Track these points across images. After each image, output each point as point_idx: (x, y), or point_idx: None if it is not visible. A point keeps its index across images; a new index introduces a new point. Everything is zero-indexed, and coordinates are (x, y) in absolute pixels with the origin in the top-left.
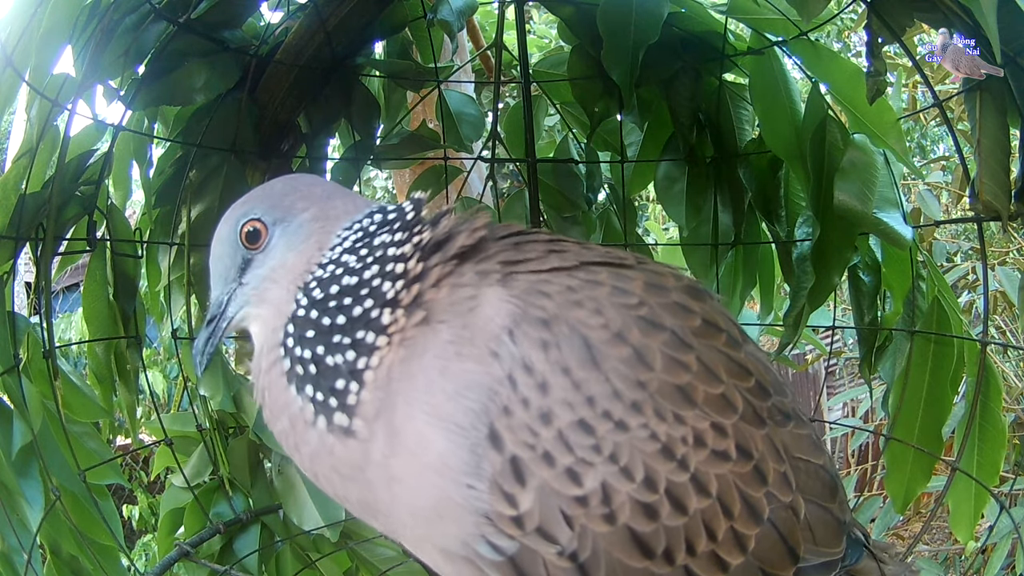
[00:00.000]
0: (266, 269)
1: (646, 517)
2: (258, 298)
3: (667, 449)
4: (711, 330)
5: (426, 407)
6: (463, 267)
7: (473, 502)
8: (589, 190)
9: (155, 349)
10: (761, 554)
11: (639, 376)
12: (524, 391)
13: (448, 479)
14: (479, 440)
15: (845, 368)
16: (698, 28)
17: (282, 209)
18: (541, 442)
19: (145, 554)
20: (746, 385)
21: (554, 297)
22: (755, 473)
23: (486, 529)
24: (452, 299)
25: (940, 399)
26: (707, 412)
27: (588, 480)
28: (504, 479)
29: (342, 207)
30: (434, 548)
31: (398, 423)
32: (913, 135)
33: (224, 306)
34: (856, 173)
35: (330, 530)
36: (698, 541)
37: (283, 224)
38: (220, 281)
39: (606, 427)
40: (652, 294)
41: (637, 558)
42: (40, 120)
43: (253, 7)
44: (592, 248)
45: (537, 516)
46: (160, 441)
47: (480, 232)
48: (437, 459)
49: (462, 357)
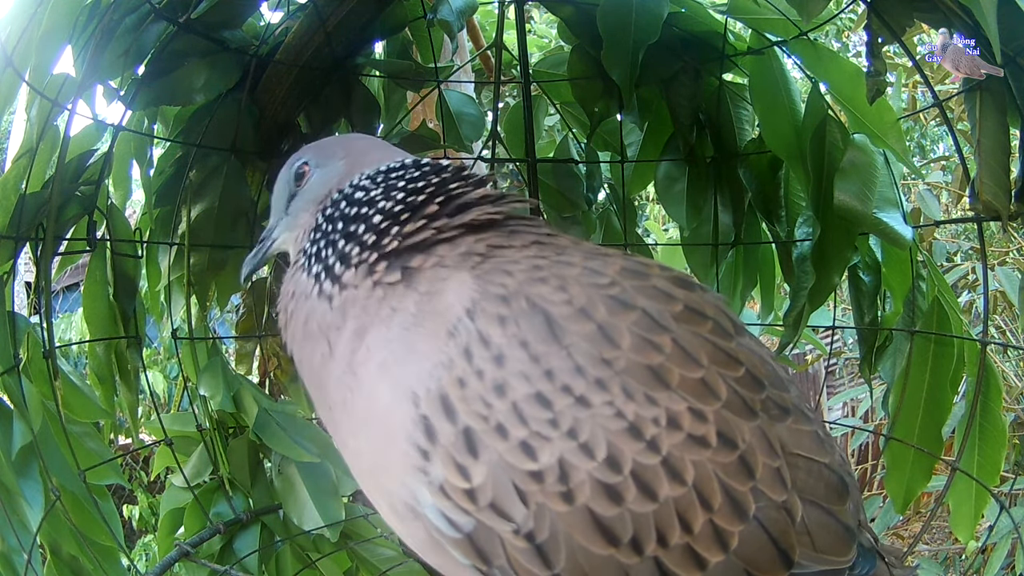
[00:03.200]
0: (302, 200)
1: (608, 499)
2: (293, 223)
3: (635, 428)
4: (694, 316)
5: (380, 360)
6: (461, 240)
7: (416, 467)
8: (589, 190)
9: (155, 349)
10: (746, 555)
11: (604, 353)
12: (479, 363)
13: (387, 433)
14: (431, 410)
15: (845, 368)
16: (698, 28)
17: (325, 156)
18: (494, 413)
19: (145, 554)
20: (734, 374)
21: (516, 275)
22: (740, 465)
23: (441, 502)
24: (431, 275)
25: (940, 399)
26: (684, 396)
27: (543, 455)
28: (457, 450)
29: (377, 157)
30: (380, 500)
31: (358, 359)
32: (913, 135)
33: (272, 231)
34: (856, 173)
35: (330, 530)
36: (670, 532)
37: (323, 167)
38: (275, 214)
39: (565, 402)
40: (627, 277)
41: (600, 544)
42: (40, 120)
43: (253, 7)
44: (581, 243)
45: (490, 490)
46: (160, 441)
47: (494, 215)
48: (382, 411)
49: (419, 329)
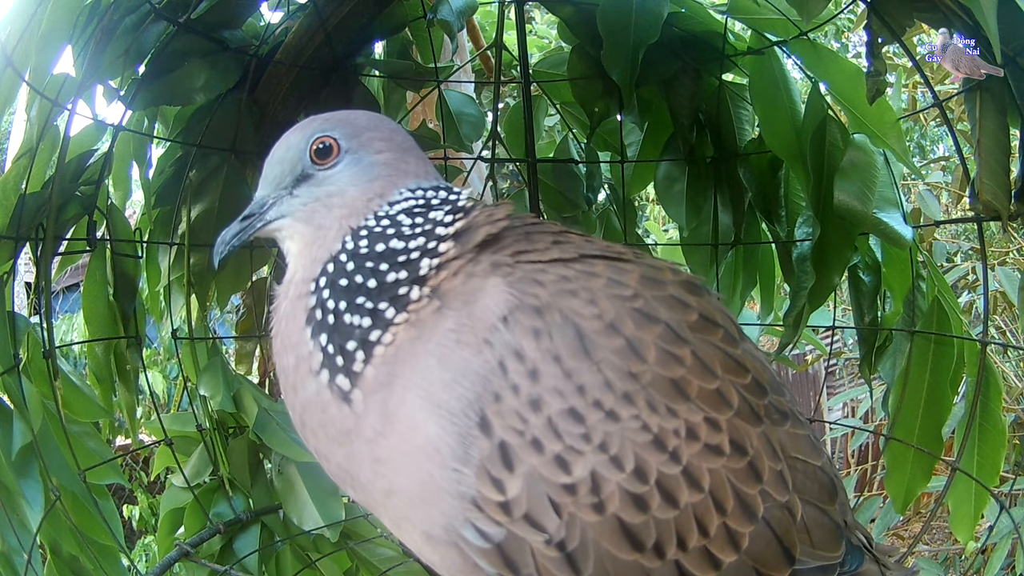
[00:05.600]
0: (323, 191)
1: (636, 508)
2: (305, 216)
3: (659, 441)
4: (708, 325)
5: (421, 392)
6: (481, 256)
7: (458, 487)
8: (589, 190)
9: (155, 349)
10: (755, 553)
11: (632, 367)
12: (514, 378)
13: (436, 463)
14: (470, 427)
15: (845, 368)
16: (698, 28)
17: (360, 140)
18: (530, 428)
19: (145, 554)
20: (742, 382)
21: (548, 286)
22: (750, 470)
23: (473, 514)
24: (464, 288)
25: (940, 399)
26: (701, 406)
27: (577, 468)
28: (492, 464)
29: (415, 166)
30: (415, 530)
31: (392, 405)
32: (913, 135)
33: (266, 208)
34: (856, 173)
35: (330, 530)
36: (689, 536)
37: (356, 154)
38: (270, 184)
39: (596, 416)
40: (648, 287)
41: (627, 550)
42: (40, 120)
43: (253, 7)
44: (594, 241)
45: (525, 502)
46: (160, 441)
47: (503, 223)
48: (426, 443)
49: (460, 345)
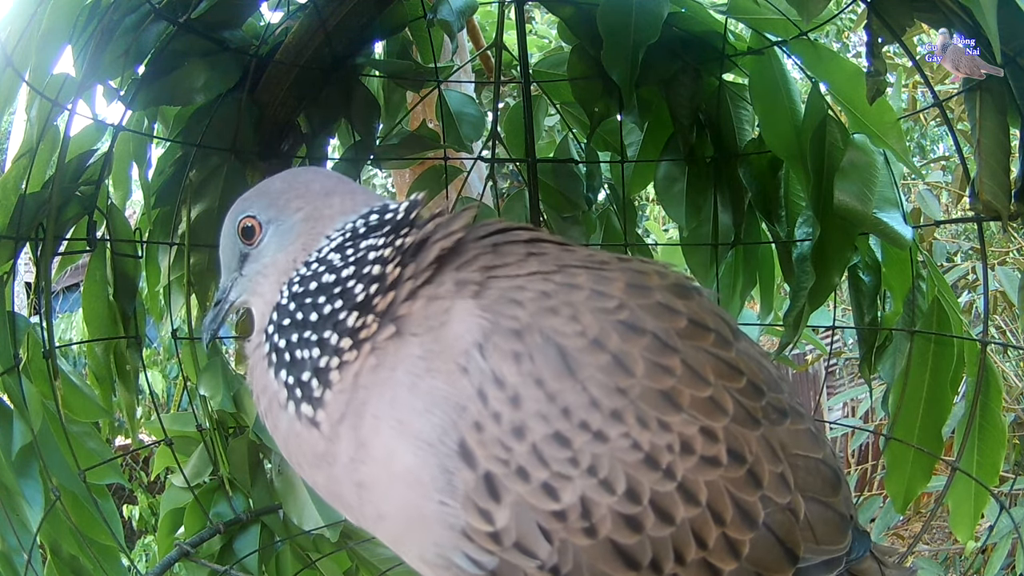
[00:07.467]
0: (259, 265)
1: (629, 529)
2: (251, 290)
3: (651, 458)
4: (698, 330)
5: (393, 422)
6: (443, 275)
7: (446, 517)
8: (589, 190)
9: (155, 349)
10: (756, 558)
11: (619, 383)
12: (495, 405)
13: (418, 493)
14: (449, 456)
15: (845, 368)
16: (698, 28)
17: (276, 208)
18: (515, 457)
19: (145, 554)
20: (737, 386)
21: (527, 305)
22: (749, 477)
23: (464, 544)
24: (427, 312)
25: (940, 399)
26: (695, 416)
27: (566, 494)
28: (478, 496)
29: (339, 206)
30: (411, 552)
31: (364, 433)
32: (913, 135)
33: (227, 292)
34: (856, 173)
35: (330, 530)
36: (687, 550)
37: (276, 223)
38: (226, 269)
39: (583, 439)
40: (633, 296)
41: (622, 570)
42: (40, 120)
43: (253, 7)
44: (573, 250)
45: (514, 532)
46: (160, 441)
47: (457, 235)
48: (406, 472)
49: (432, 373)
